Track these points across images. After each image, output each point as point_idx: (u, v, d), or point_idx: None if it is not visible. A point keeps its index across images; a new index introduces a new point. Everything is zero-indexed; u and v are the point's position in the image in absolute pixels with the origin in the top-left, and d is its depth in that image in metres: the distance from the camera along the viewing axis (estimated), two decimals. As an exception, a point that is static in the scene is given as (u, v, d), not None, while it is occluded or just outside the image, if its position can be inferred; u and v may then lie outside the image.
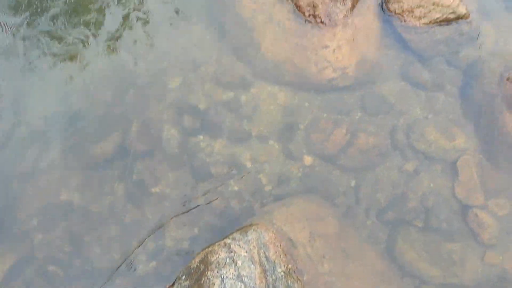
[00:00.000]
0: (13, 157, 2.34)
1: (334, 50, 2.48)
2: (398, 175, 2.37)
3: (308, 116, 2.47)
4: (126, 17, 2.65)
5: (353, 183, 2.37)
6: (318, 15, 2.49)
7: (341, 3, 2.49)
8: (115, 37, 2.60)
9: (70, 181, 2.33)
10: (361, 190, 2.34)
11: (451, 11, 2.45)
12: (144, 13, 2.67)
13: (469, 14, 2.51)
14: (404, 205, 2.30)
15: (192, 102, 2.48)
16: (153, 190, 2.31)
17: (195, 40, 2.61)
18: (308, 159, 2.41)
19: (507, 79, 2.35)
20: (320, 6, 2.47)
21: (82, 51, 2.55)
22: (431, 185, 2.33)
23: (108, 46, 2.58)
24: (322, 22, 2.49)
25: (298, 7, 2.52)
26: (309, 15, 2.51)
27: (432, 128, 2.39)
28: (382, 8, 2.58)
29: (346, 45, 2.49)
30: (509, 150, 2.28)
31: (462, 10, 2.47)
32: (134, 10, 2.67)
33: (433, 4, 2.43)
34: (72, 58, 2.55)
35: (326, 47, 2.48)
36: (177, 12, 2.69)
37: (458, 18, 2.48)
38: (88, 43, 2.57)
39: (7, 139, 2.36)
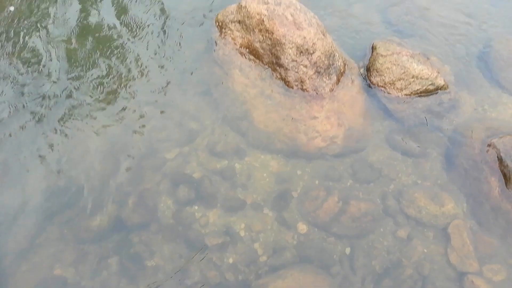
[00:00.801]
0: (8, 232, 2.35)
1: (322, 121, 2.61)
2: (392, 241, 2.39)
3: (300, 183, 2.54)
4: (121, 89, 2.80)
5: (348, 250, 2.38)
6: (306, 89, 2.65)
7: (327, 78, 2.66)
8: (111, 110, 2.73)
9: (65, 255, 2.32)
10: (356, 257, 2.34)
11: (430, 83, 2.62)
12: (139, 86, 2.82)
13: (447, 85, 2.68)
14: (400, 273, 2.29)
15: (187, 172, 2.55)
16: (148, 263, 2.30)
17: (191, 112, 2.74)
18: (302, 227, 2.44)
19: (489, 145, 2.46)
20: (307, 81, 2.64)
21: (78, 124, 2.67)
22: (425, 251, 2.34)
23: (105, 119, 2.70)
24: (310, 95, 2.65)
25: (287, 82, 2.69)
26: (298, 89, 2.67)
27: (421, 194, 2.45)
28: (366, 81, 2.76)
29: (334, 116, 2.63)
30: (498, 215, 2.33)
31: (440, 81, 2.64)
32: (128, 82, 2.83)
33: (413, 77, 2.61)
34: (69, 130, 2.65)
35: (315, 118, 2.62)
36: (173, 85, 2.85)
37: (437, 89, 2.64)
38: (84, 116, 2.69)
39: (2, 215, 2.39)
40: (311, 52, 2.62)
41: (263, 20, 2.68)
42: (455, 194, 2.46)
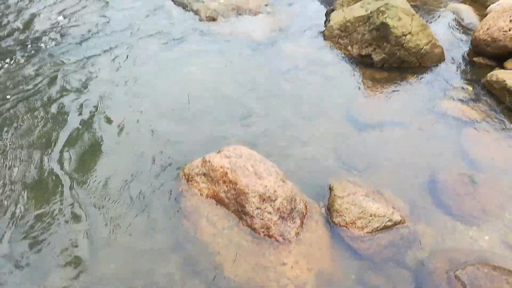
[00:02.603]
0: None
1: (291, 266, 2.63)
2: None
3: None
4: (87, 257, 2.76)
5: None
6: (272, 235, 2.72)
7: (291, 222, 2.78)
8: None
9: None
10: None
11: (387, 219, 2.77)
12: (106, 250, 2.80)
13: (404, 220, 2.84)
14: None
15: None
16: None
17: (160, 269, 2.70)
18: None
19: (455, 277, 2.52)
20: (272, 227, 2.73)
21: None
22: None
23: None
24: (277, 241, 2.71)
25: (253, 229, 2.77)
26: (264, 236, 2.74)
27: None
28: (329, 221, 2.88)
29: (302, 259, 2.66)
30: None
31: (397, 217, 2.81)
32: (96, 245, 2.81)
33: (371, 215, 2.77)
34: None
35: (284, 264, 2.64)
36: (140, 242, 2.85)
37: (396, 224, 2.79)
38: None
39: None
40: (273, 199, 2.77)
41: (226, 173, 2.88)
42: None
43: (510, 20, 4.25)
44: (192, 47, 4.77)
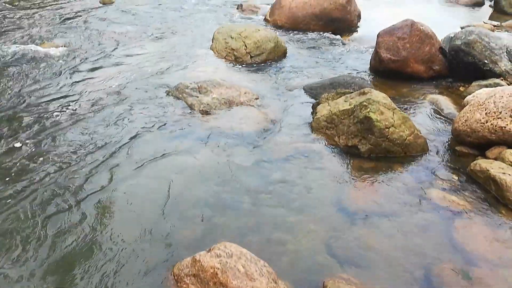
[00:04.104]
0: None
1: None
2: None
3: None
4: None
5: None
6: None
7: (285, 327, 2.66)
8: None
9: None
10: None
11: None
12: None
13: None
14: None
15: None
16: None
17: None
18: None
19: None
20: (265, 333, 2.61)
21: None
22: None
23: None
24: None
25: (245, 336, 2.64)
26: None
27: None
28: (323, 325, 2.77)
29: None
30: None
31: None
32: None
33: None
34: None
35: None
36: None
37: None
38: None
39: None
40: (265, 302, 2.69)
41: (216, 273, 2.82)
42: None
43: (486, 113, 4.52)
44: (184, 139, 4.95)
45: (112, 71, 6.86)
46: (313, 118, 5.27)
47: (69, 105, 5.62)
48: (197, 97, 5.75)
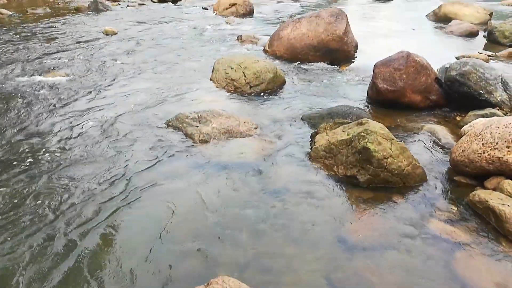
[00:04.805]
0: None
1: None
2: None
3: None
4: None
5: None
6: None
7: None
8: None
9: None
10: None
11: None
12: None
13: None
14: None
15: None
16: None
17: None
18: None
19: None
20: None
21: None
22: None
23: None
24: None
25: None
26: None
27: None
28: None
29: None
30: None
31: None
32: None
33: None
34: None
35: None
36: None
37: None
38: None
39: None
40: None
41: (214, 309, 2.77)
42: None
43: (483, 144, 4.56)
44: (182, 169, 4.96)
45: (112, 101, 6.97)
46: (311, 148, 5.31)
47: (70, 136, 5.67)
48: (197, 126, 5.80)
